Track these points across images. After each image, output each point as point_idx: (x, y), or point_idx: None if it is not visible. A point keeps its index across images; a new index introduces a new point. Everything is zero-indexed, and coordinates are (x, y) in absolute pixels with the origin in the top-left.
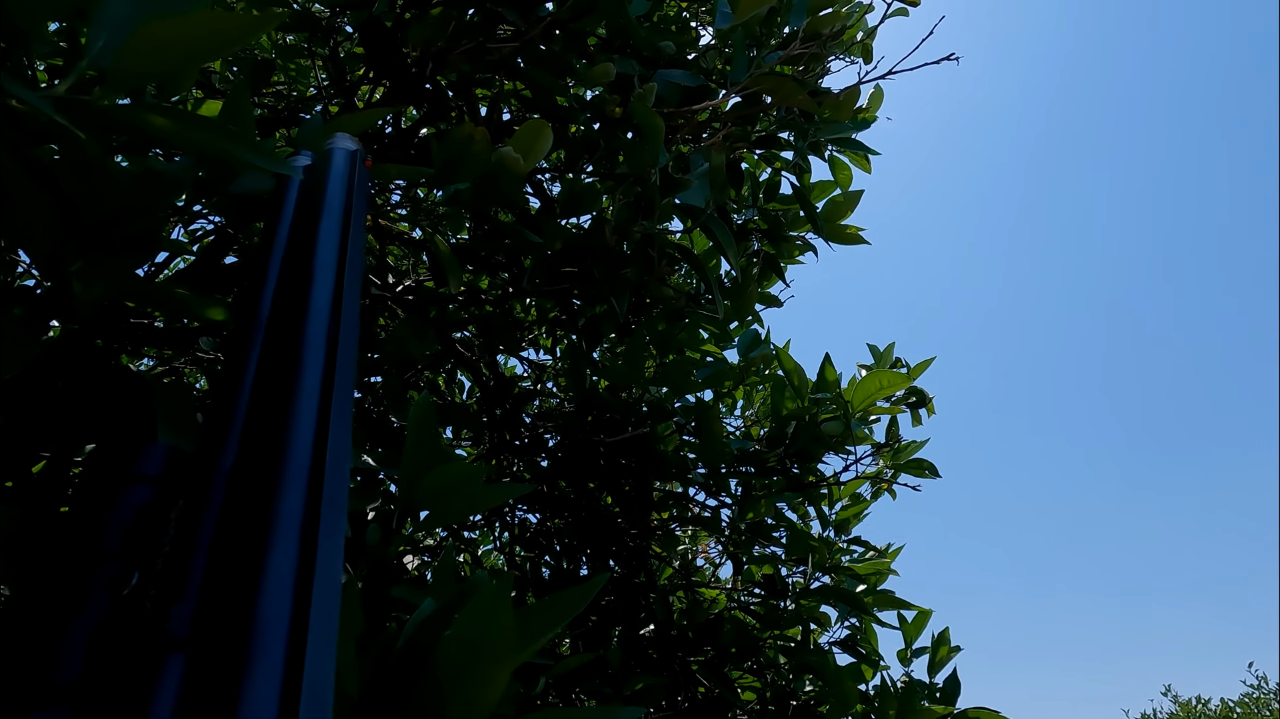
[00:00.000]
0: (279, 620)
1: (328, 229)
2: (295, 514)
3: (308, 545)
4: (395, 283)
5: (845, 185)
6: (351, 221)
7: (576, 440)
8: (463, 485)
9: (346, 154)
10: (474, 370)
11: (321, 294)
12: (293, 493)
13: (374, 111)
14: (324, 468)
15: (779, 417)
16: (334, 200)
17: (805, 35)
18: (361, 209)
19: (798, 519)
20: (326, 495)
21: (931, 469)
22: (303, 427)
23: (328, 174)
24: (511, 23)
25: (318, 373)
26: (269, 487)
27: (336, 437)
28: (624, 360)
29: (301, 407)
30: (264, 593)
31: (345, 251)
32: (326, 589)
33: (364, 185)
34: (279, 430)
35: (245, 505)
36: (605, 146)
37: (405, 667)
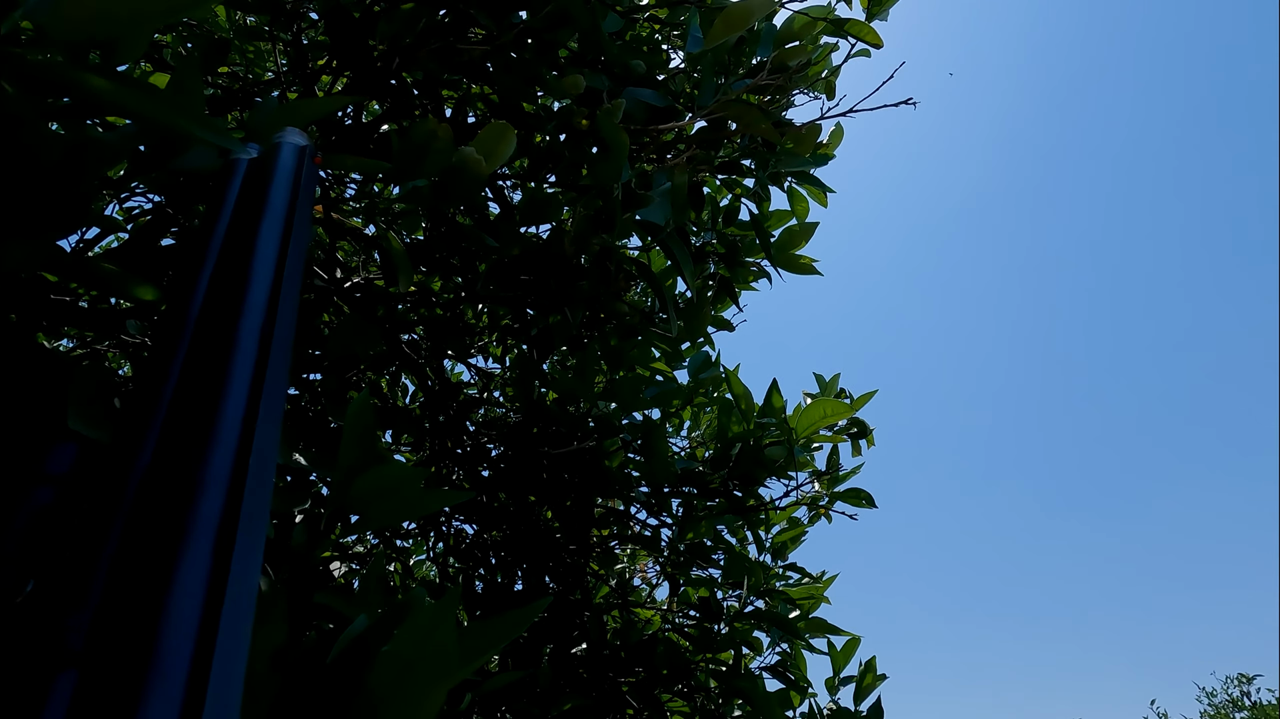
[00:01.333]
0: (183, 639)
1: (270, 226)
2: (211, 523)
3: (221, 558)
4: (344, 278)
5: (802, 217)
6: (295, 220)
7: (520, 451)
8: (399, 489)
9: (295, 149)
10: (419, 374)
11: (258, 293)
12: (210, 500)
13: (334, 99)
14: (246, 475)
15: (725, 439)
16: (279, 197)
17: (772, 67)
18: (307, 208)
19: (736, 542)
20: (247, 505)
21: (868, 499)
22: (227, 430)
23: (274, 169)
24: (483, 27)
25: (248, 374)
26: (185, 491)
27: (263, 442)
28: (574, 374)
29: (228, 409)
30: (169, 608)
31: (286, 251)
32: (239, 607)
33: (311, 183)
34: (202, 431)
35: (158, 510)
36: (569, 158)
37: (337, 683)
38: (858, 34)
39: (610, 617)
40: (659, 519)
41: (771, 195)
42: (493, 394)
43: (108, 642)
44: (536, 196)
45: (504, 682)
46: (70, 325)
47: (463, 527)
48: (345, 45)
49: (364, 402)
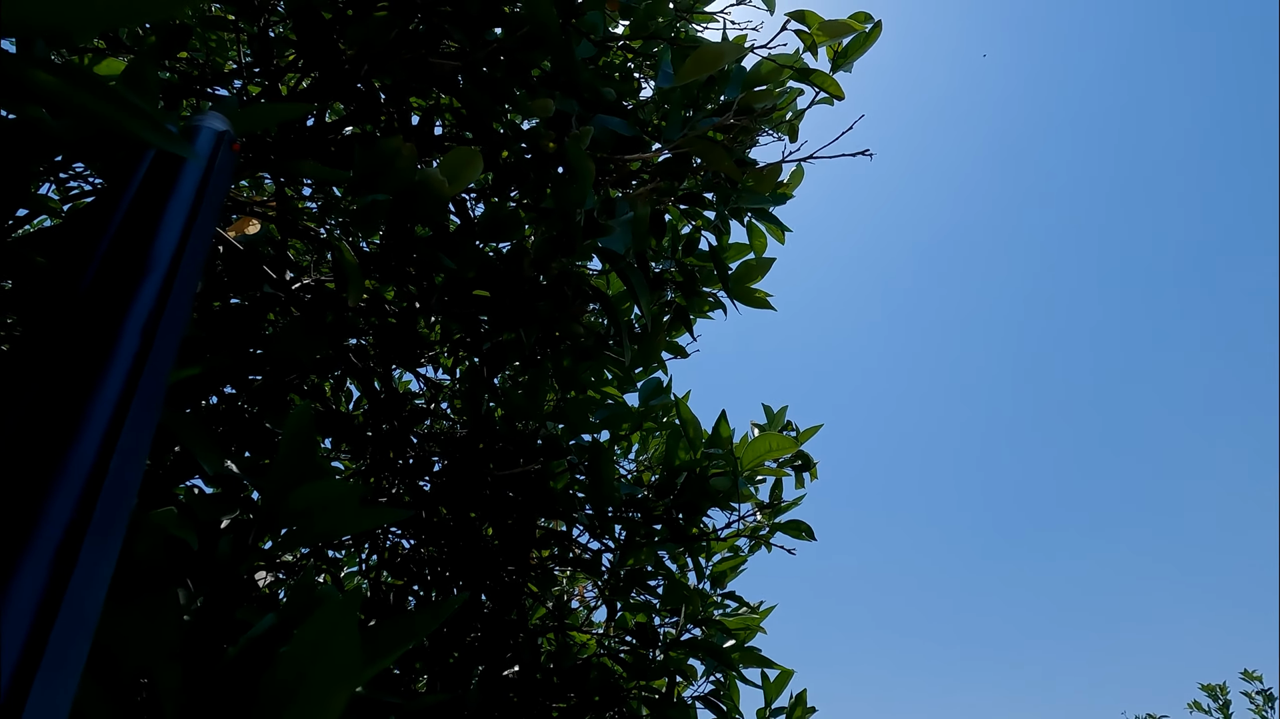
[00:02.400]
0: (5, 653)
1: (174, 213)
2: (53, 536)
3: (60, 573)
4: (294, 279)
5: (759, 251)
6: (201, 208)
7: (464, 466)
8: (335, 504)
9: (213, 134)
10: (365, 381)
11: (151, 281)
12: (59, 507)
13: (300, 105)
14: (104, 479)
15: (671, 466)
16: (187, 182)
17: (739, 108)
18: (218, 195)
19: (676, 569)
20: (100, 515)
21: (808, 531)
22: (92, 429)
23: (187, 160)
24: (456, 40)
25: (126, 366)
26: (30, 495)
27: (130, 444)
28: (525, 392)
29: (97, 406)
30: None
31: (186, 240)
32: (75, 625)
33: (226, 170)
34: (62, 427)
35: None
36: (535, 178)
37: (237, 684)
38: (821, 85)
39: (545, 639)
40: (601, 542)
41: (731, 228)
42: (440, 406)
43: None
44: (498, 214)
45: (430, 703)
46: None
47: (400, 540)
48: (313, 44)
49: (305, 411)
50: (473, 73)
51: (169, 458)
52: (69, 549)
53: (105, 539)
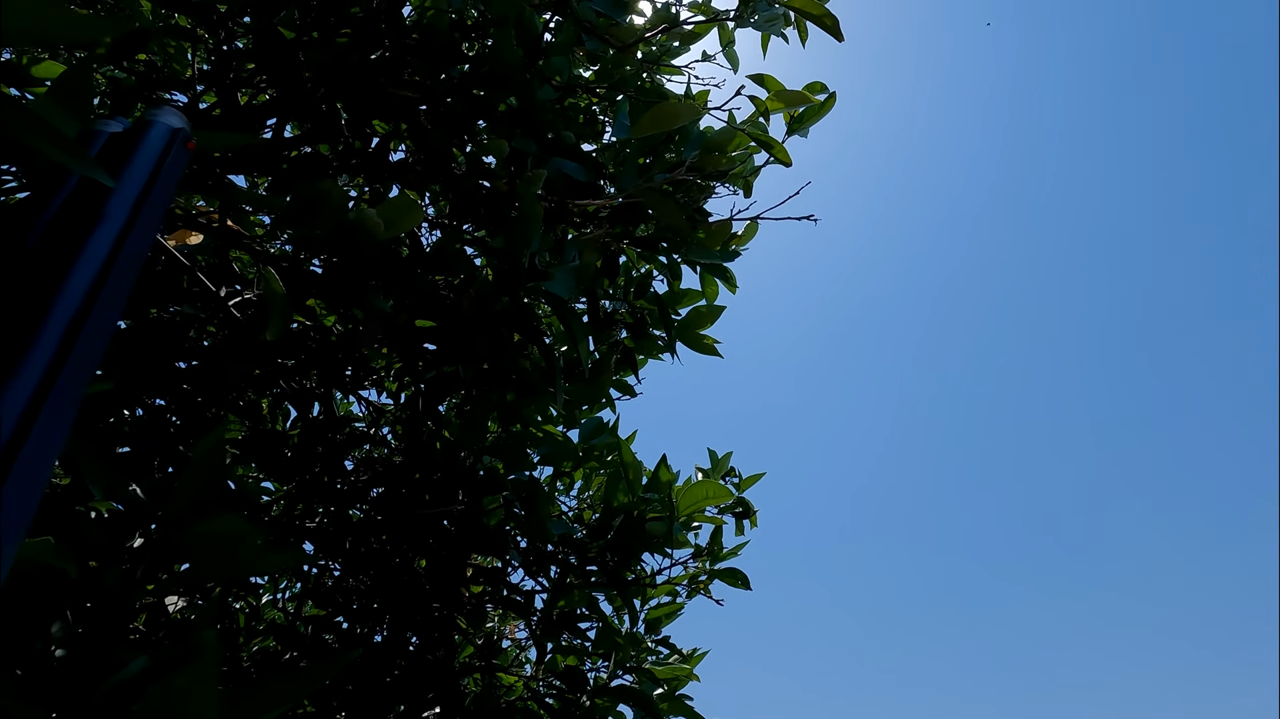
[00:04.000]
0: None
1: (114, 211)
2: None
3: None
4: (230, 294)
5: (711, 299)
6: (145, 207)
7: (399, 496)
8: (238, 542)
9: (167, 131)
10: (303, 402)
11: (78, 282)
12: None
13: (255, 138)
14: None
15: (609, 508)
16: (133, 179)
17: (693, 166)
18: (165, 195)
19: (611, 611)
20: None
21: (744, 580)
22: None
23: (137, 147)
24: (418, 73)
25: (37, 373)
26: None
27: (34, 453)
28: (465, 424)
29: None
30: None
31: (123, 241)
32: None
33: (176, 169)
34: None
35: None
36: (486, 214)
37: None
38: (772, 150)
39: (472, 679)
40: (535, 580)
41: (684, 273)
42: (380, 432)
43: None
44: (446, 249)
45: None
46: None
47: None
48: (273, 61)
49: (217, 439)
50: (433, 105)
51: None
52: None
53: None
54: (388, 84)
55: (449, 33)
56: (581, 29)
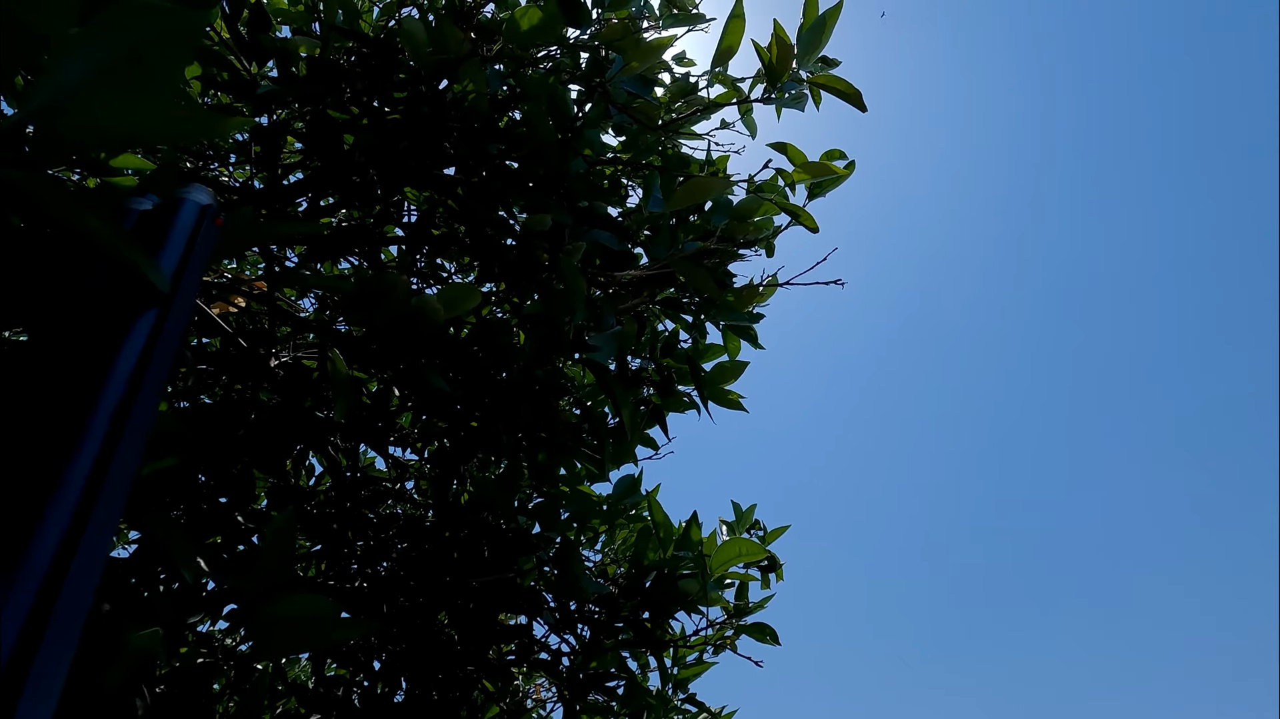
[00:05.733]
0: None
1: (149, 293)
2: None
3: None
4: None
5: (733, 355)
6: (181, 288)
7: (427, 553)
8: (313, 620)
9: (197, 208)
10: (330, 457)
11: (122, 367)
12: (14, 612)
13: (308, 224)
14: (59, 593)
15: (640, 565)
16: (167, 260)
17: (722, 235)
18: (197, 274)
19: (638, 668)
20: (57, 624)
21: (772, 635)
22: (51, 526)
23: (169, 227)
24: (459, 152)
25: (86, 468)
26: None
27: (94, 538)
28: (499, 485)
29: (59, 504)
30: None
31: (161, 327)
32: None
33: (206, 247)
34: (20, 526)
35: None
36: (524, 282)
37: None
38: (798, 218)
39: None
40: (562, 639)
41: (708, 329)
42: (405, 487)
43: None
44: (491, 324)
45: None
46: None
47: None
48: (320, 138)
49: (288, 519)
50: (472, 180)
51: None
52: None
53: (59, 651)
54: (431, 163)
55: (489, 113)
56: (610, 104)
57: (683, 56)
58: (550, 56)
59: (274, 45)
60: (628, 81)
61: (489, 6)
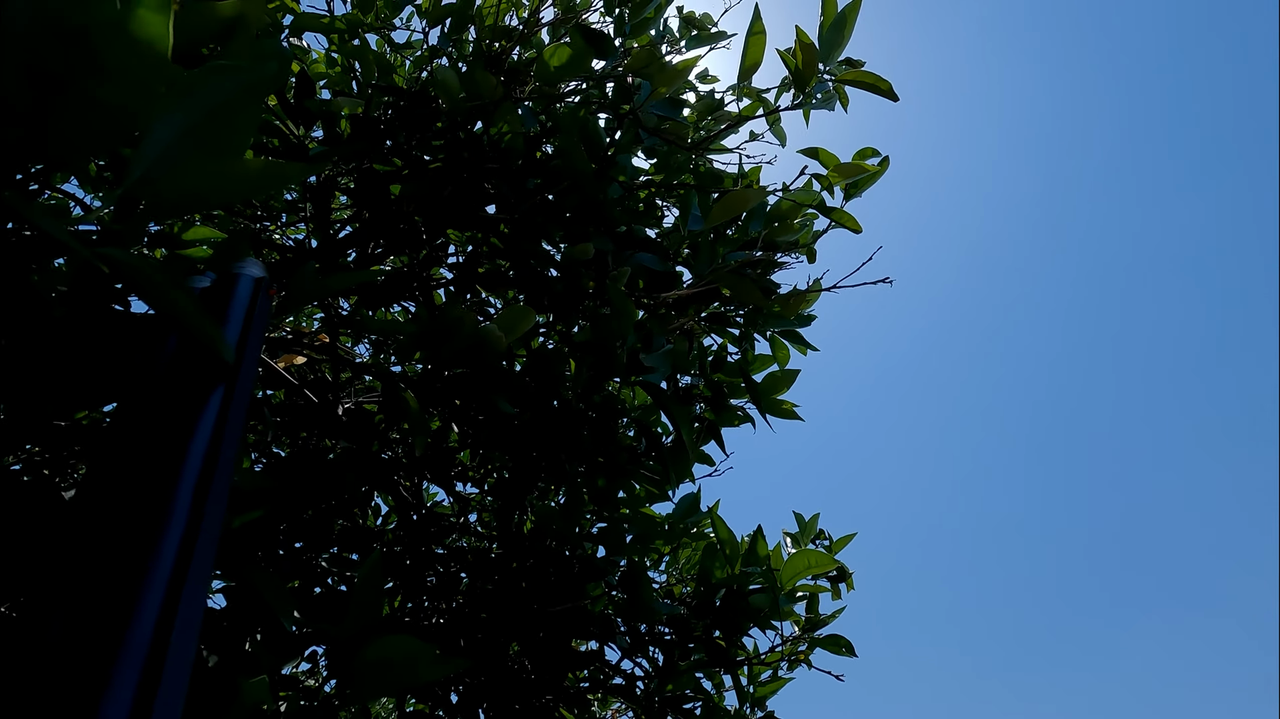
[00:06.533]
0: None
1: (223, 367)
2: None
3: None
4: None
5: (783, 363)
6: (244, 359)
7: (496, 585)
8: (408, 661)
9: (251, 282)
10: (396, 495)
11: (199, 441)
12: (120, 688)
13: (364, 273)
14: (163, 668)
15: (708, 583)
16: (230, 334)
17: (763, 243)
18: (257, 344)
19: (712, 687)
20: (166, 688)
21: (848, 647)
22: (149, 603)
23: (229, 303)
24: (500, 193)
25: (180, 531)
26: (97, 673)
27: (188, 610)
28: (561, 515)
29: (150, 589)
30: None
31: (231, 397)
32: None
33: (264, 317)
34: (120, 608)
35: (67, 689)
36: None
37: None
38: (840, 221)
39: None
40: (634, 662)
41: (756, 340)
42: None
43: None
44: (543, 353)
45: None
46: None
47: None
48: (368, 193)
49: (375, 563)
50: (514, 217)
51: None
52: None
53: (172, 703)
54: (473, 204)
55: (525, 150)
56: (641, 129)
57: (705, 74)
58: (579, 89)
59: (319, 108)
60: (657, 106)
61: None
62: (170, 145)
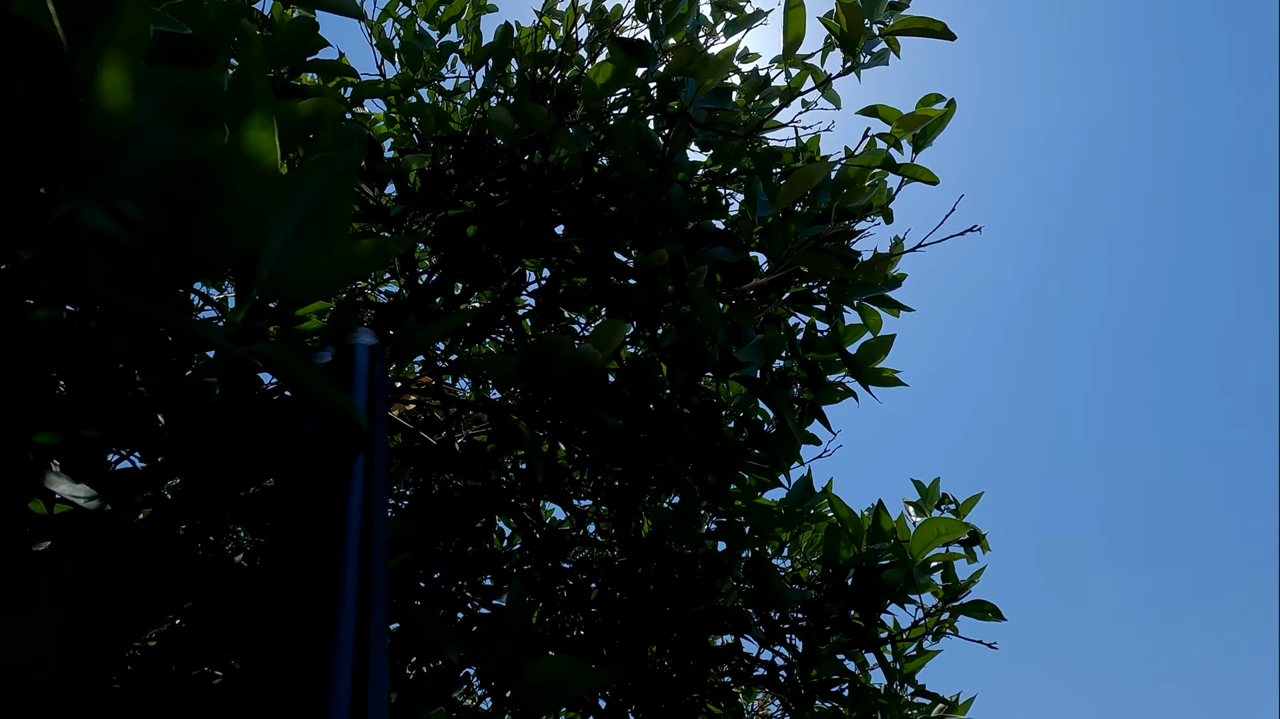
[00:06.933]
0: None
1: (355, 432)
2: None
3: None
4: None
5: (875, 330)
6: (376, 420)
7: (626, 591)
8: (563, 678)
9: (367, 350)
10: (517, 517)
11: (354, 503)
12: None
13: (461, 315)
14: (367, 701)
15: (835, 564)
16: (359, 400)
17: (835, 214)
18: (383, 403)
19: (855, 667)
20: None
21: (994, 611)
22: (341, 667)
23: (352, 372)
24: (567, 215)
25: (353, 600)
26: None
27: (378, 660)
28: (677, 517)
29: (340, 638)
30: None
31: (373, 457)
32: None
33: (384, 379)
34: (317, 676)
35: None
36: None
37: None
38: (913, 175)
39: None
40: (773, 650)
41: (844, 312)
42: (587, 531)
43: None
44: (636, 362)
45: None
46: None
47: None
48: (447, 238)
49: (518, 589)
50: (586, 235)
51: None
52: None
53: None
54: (546, 231)
55: (584, 168)
56: (693, 125)
57: (746, 52)
58: (624, 98)
59: (389, 169)
60: (705, 100)
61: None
62: (286, 245)
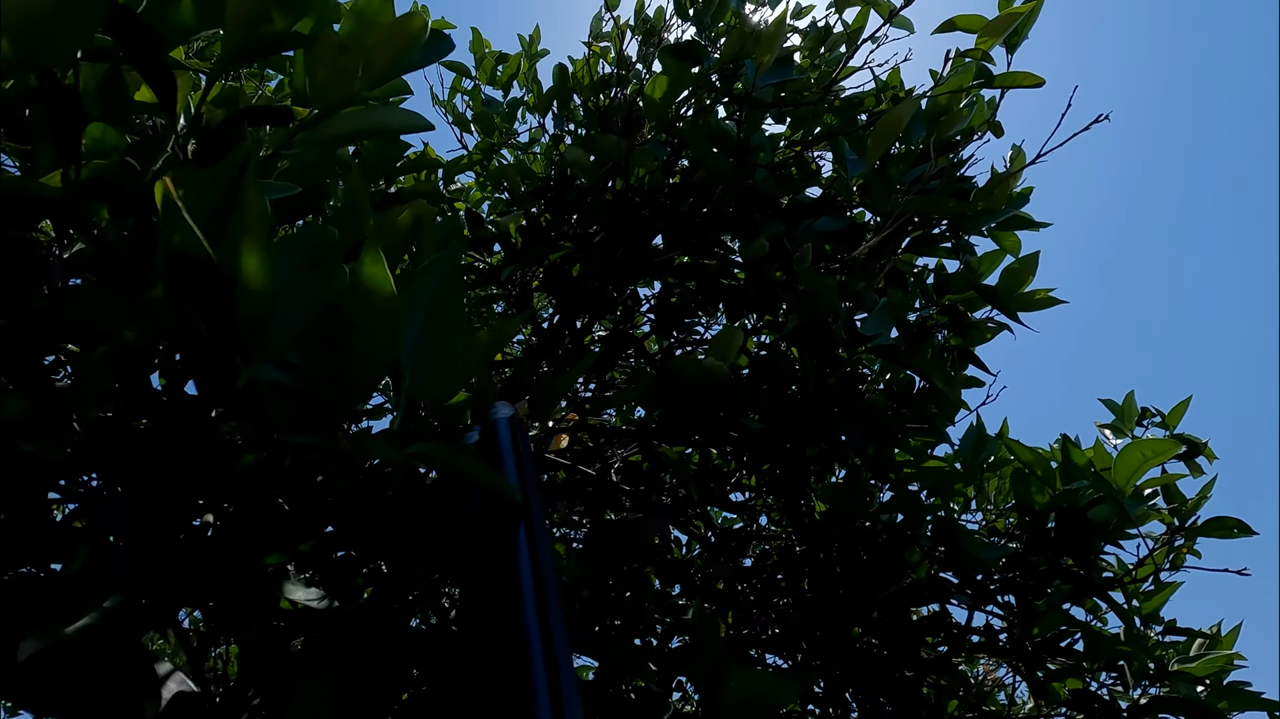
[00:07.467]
0: None
1: (514, 506)
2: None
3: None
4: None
5: (1015, 251)
6: (527, 484)
7: (812, 579)
8: (765, 694)
9: (508, 422)
10: (684, 529)
11: (525, 569)
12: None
13: (587, 360)
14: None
15: (1031, 512)
16: (510, 470)
17: (935, 148)
18: (531, 466)
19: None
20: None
21: (1240, 527)
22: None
23: (499, 446)
24: (663, 231)
25: (540, 649)
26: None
27: (571, 704)
28: (845, 495)
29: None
30: None
31: (533, 522)
32: None
33: (527, 444)
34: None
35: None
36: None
37: None
38: (1013, 83)
39: None
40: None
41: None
42: (759, 525)
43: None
44: (761, 356)
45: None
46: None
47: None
48: (553, 282)
49: (699, 609)
50: (684, 244)
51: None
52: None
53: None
54: (646, 250)
55: (665, 181)
56: (762, 106)
57: (800, 8)
58: (688, 99)
59: (491, 234)
60: (767, 75)
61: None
62: (419, 354)
